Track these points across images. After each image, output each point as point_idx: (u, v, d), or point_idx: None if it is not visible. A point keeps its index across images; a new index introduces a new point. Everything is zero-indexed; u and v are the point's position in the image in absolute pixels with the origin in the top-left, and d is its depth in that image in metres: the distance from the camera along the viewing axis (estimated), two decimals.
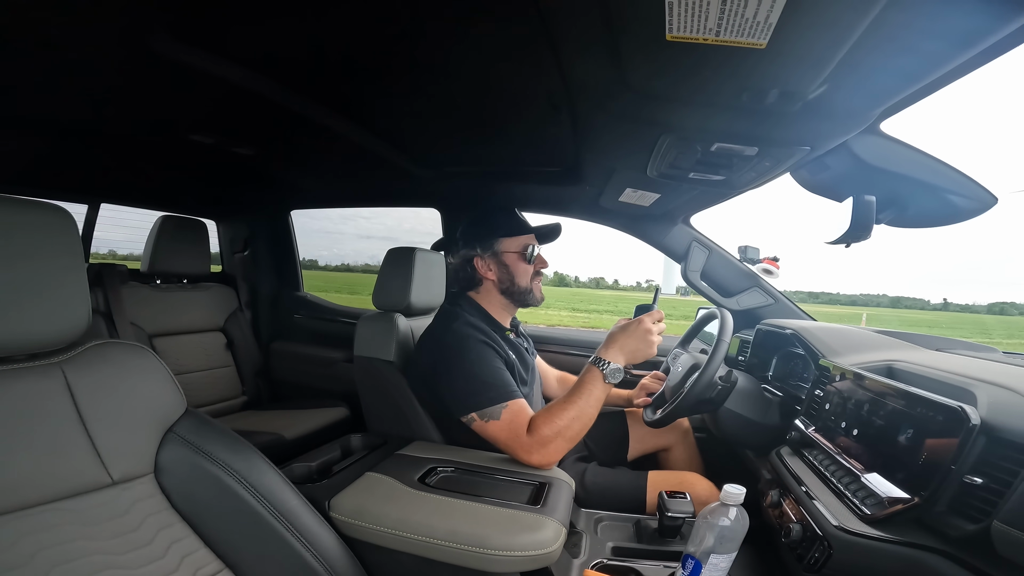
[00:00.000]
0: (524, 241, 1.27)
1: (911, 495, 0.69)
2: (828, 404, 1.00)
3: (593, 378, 1.05)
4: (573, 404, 1.02)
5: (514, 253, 1.26)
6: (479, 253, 1.26)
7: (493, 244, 1.26)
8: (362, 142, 1.38)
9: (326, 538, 0.77)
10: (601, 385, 1.04)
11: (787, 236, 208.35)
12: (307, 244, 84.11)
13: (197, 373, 2.04)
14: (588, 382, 1.05)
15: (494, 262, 1.26)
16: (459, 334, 1.13)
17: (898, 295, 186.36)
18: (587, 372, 1.07)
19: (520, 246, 1.27)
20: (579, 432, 1.03)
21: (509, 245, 1.26)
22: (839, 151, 0.94)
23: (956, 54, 0.61)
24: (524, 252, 1.26)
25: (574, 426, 1.01)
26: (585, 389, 1.04)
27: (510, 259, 1.26)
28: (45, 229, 0.60)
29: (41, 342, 0.61)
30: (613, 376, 1.04)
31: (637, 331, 1.07)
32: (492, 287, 1.28)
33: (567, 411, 1.02)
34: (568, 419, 1.01)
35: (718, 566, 0.81)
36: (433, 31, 0.81)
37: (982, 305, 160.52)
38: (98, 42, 0.86)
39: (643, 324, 1.08)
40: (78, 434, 0.62)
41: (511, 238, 1.26)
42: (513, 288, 1.26)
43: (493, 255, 1.26)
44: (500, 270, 1.26)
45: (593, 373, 1.05)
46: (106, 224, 2.20)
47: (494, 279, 1.26)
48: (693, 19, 0.57)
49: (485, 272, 1.26)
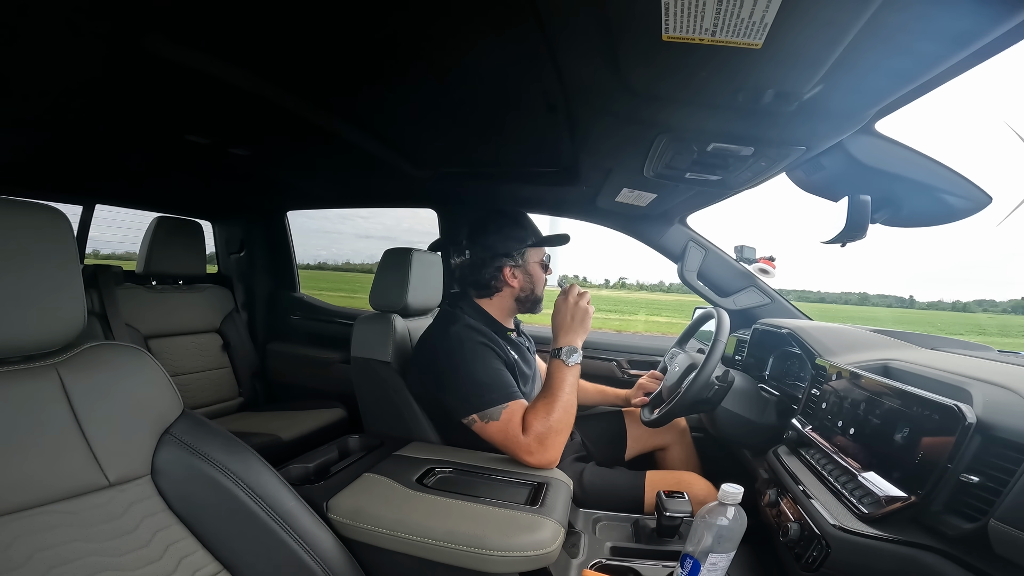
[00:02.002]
0: (544, 252, 1.30)
1: (908, 494, 0.69)
2: (825, 403, 1.00)
3: (558, 368, 1.10)
4: (555, 398, 1.06)
5: (536, 263, 1.27)
6: (513, 262, 1.24)
7: (522, 253, 1.25)
8: (358, 143, 1.37)
9: (324, 539, 0.77)
10: (567, 370, 1.10)
11: (768, 234, 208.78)
12: (305, 244, 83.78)
13: (193, 374, 2.03)
14: (555, 374, 1.10)
15: (520, 271, 1.25)
16: (459, 336, 1.13)
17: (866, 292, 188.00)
18: (551, 366, 1.13)
19: (541, 255, 1.29)
20: (569, 423, 1.07)
21: (534, 255, 1.27)
22: (834, 151, 0.95)
23: (950, 54, 0.62)
24: (543, 261, 1.29)
25: (564, 418, 1.05)
26: (556, 381, 1.09)
27: (533, 268, 1.27)
28: (40, 230, 0.59)
29: (36, 344, 0.60)
30: (570, 357, 1.10)
31: (569, 309, 1.15)
32: (509, 294, 1.27)
33: (552, 405, 1.05)
34: (557, 412, 1.05)
35: (716, 565, 0.81)
36: (430, 32, 0.81)
37: (947, 303, 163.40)
38: (93, 42, 0.86)
39: (568, 302, 1.15)
40: (74, 436, 0.62)
41: (535, 249, 1.27)
42: (531, 296, 1.27)
43: (520, 264, 1.25)
44: (525, 279, 1.26)
45: (556, 364, 1.11)
46: (98, 224, 2.20)
47: (517, 287, 1.26)
48: (689, 19, 0.58)
49: (511, 279, 1.24)
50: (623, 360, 1.98)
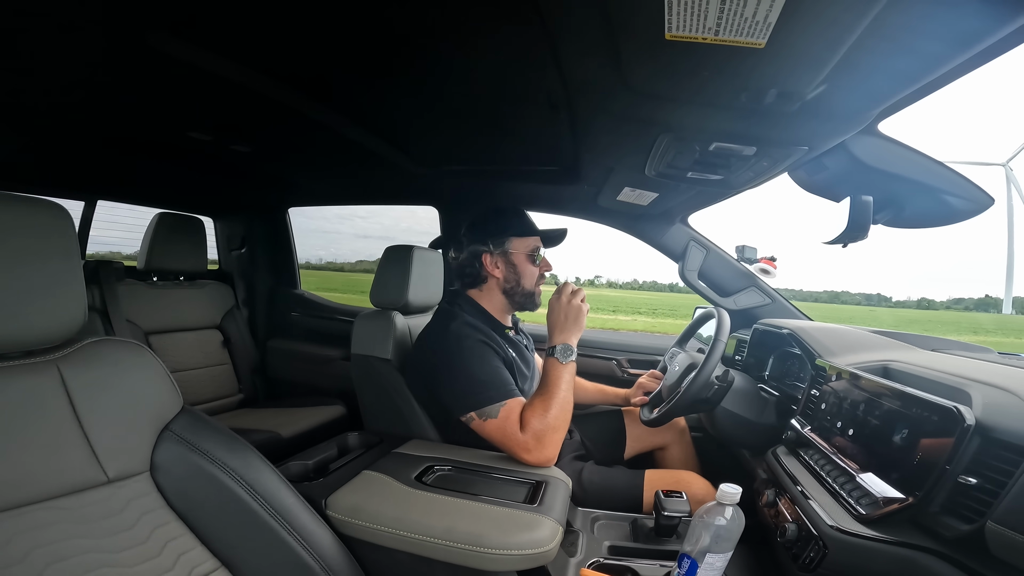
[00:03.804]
0: (533, 243, 1.28)
1: (906, 495, 0.69)
2: (824, 404, 1.00)
3: (553, 366, 1.10)
4: (551, 396, 1.06)
5: (522, 254, 1.26)
6: (489, 249, 1.25)
7: (503, 242, 1.25)
8: (361, 140, 1.37)
9: (323, 536, 0.77)
10: (562, 368, 1.09)
11: (762, 233, 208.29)
12: (304, 244, 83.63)
13: (193, 371, 2.03)
14: (550, 371, 1.10)
15: (502, 260, 1.26)
16: (457, 334, 1.13)
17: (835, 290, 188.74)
18: (546, 364, 1.12)
19: (529, 247, 1.27)
20: (566, 420, 1.07)
21: (518, 245, 1.26)
22: (837, 151, 0.95)
23: (954, 55, 0.61)
24: (532, 254, 1.27)
25: (561, 415, 1.05)
26: (552, 379, 1.08)
27: (518, 259, 1.26)
28: (41, 226, 0.59)
29: (37, 339, 0.60)
30: (564, 355, 1.10)
31: (562, 308, 1.15)
32: (495, 286, 1.27)
33: (549, 403, 1.05)
34: (554, 409, 1.04)
35: (714, 565, 0.81)
36: (432, 29, 0.81)
37: (913, 301, 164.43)
38: (95, 38, 0.86)
39: (561, 300, 1.15)
40: (73, 432, 0.62)
41: (521, 238, 1.26)
42: (517, 289, 1.26)
43: (502, 253, 1.25)
44: (507, 269, 1.26)
45: (551, 363, 1.11)
46: (98, 225, 2.20)
47: (500, 277, 1.26)
48: (692, 18, 0.57)
49: (492, 269, 1.26)
50: (623, 359, 1.98)
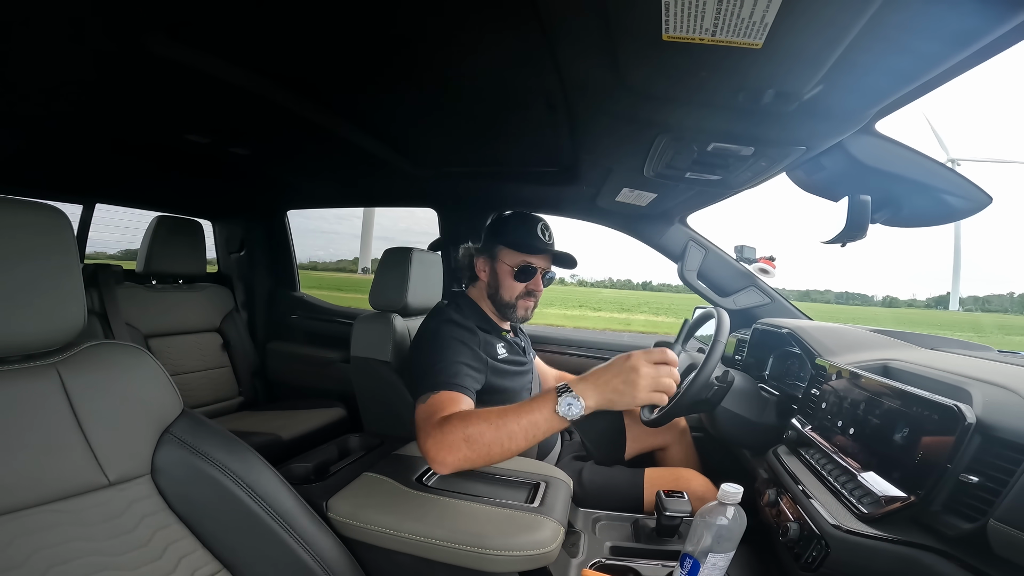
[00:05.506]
0: (522, 259, 1.24)
1: (907, 494, 0.69)
2: (824, 403, 1.00)
3: (542, 403, 0.83)
4: (501, 420, 0.83)
5: (507, 266, 1.25)
6: (481, 252, 1.28)
7: (493, 249, 1.26)
8: (359, 142, 1.38)
9: (324, 539, 0.77)
10: (547, 414, 0.82)
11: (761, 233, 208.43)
12: (303, 244, 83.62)
13: (193, 374, 2.03)
14: (534, 405, 0.84)
15: (488, 266, 1.27)
16: (433, 330, 1.15)
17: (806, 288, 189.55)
18: (542, 394, 0.86)
19: (516, 262, 1.24)
20: (486, 454, 0.83)
21: (506, 256, 1.25)
22: (835, 151, 0.95)
23: (951, 54, 0.62)
24: (515, 269, 1.24)
25: (486, 444, 0.82)
26: (524, 410, 0.83)
27: (501, 269, 1.25)
28: (40, 229, 0.59)
29: (36, 343, 0.60)
30: (566, 410, 0.81)
31: (623, 368, 0.82)
32: (482, 287, 1.30)
33: (489, 422, 0.83)
34: (485, 430, 0.82)
35: (716, 565, 0.81)
36: (430, 31, 0.81)
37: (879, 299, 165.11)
38: (93, 41, 0.86)
39: (631, 361, 0.82)
40: (74, 435, 0.62)
41: (510, 251, 1.25)
42: (496, 297, 1.27)
43: (490, 258, 1.27)
44: (490, 275, 1.27)
45: (545, 399, 0.83)
46: (96, 226, 2.19)
47: (484, 280, 1.29)
48: (689, 19, 0.58)
49: (479, 270, 1.29)
50: None
